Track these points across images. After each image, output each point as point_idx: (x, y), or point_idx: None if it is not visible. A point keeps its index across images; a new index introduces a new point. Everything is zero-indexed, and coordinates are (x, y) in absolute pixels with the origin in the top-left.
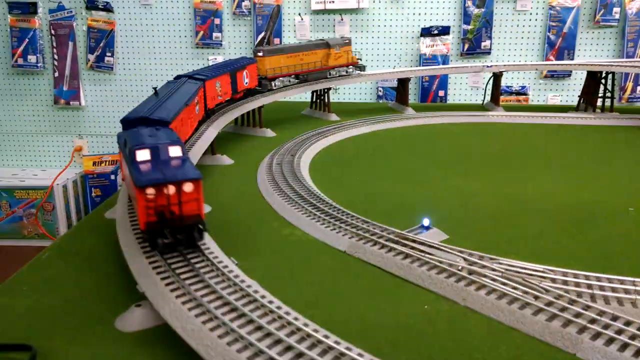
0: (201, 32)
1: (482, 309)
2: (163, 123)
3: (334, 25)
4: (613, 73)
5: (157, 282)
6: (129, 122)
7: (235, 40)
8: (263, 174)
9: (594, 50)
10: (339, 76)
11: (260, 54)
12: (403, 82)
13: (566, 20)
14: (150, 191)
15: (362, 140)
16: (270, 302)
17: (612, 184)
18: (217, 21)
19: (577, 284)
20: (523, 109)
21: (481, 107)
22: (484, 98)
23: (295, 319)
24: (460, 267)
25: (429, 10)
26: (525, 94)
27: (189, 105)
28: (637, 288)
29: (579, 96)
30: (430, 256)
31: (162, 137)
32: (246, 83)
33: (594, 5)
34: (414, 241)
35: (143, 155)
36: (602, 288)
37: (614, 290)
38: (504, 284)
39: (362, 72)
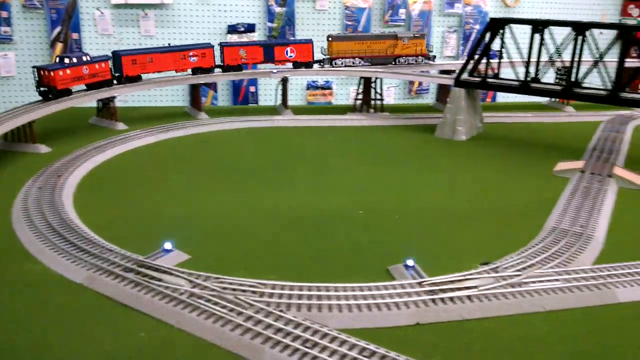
0: None
1: (192, 329)
2: None
3: (138, 20)
4: (381, 79)
5: None
6: None
7: (28, 35)
8: (18, 203)
9: None
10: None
11: (330, 39)
12: (195, 87)
13: (360, 20)
14: None
15: (144, 152)
16: None
17: (381, 187)
18: (4, 14)
19: (281, 295)
20: (310, 111)
21: (274, 110)
22: (275, 101)
23: None
24: (182, 291)
25: (234, 7)
26: (329, 88)
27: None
28: (322, 294)
29: (354, 98)
30: (159, 282)
31: None
32: (290, 56)
33: (383, 6)
34: (149, 267)
35: None
36: (300, 297)
37: (308, 297)
38: (216, 303)
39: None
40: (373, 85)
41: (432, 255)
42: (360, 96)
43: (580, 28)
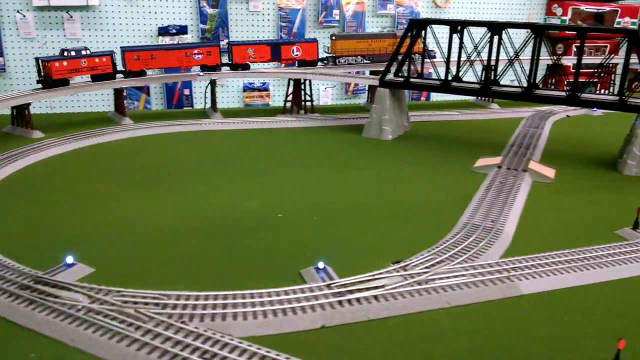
0: None
1: (87, 347)
2: None
3: (63, 23)
4: (310, 80)
5: None
6: None
7: None
8: None
9: (321, 47)
10: None
11: (333, 37)
12: (118, 91)
13: (294, 21)
14: None
15: (57, 161)
16: None
17: (289, 190)
18: None
19: (185, 306)
20: (242, 113)
21: (203, 113)
22: (205, 104)
23: None
24: (79, 307)
25: (164, 9)
26: (266, 89)
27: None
28: (228, 302)
29: (284, 100)
30: (55, 299)
31: None
32: (296, 55)
33: (317, 7)
34: (46, 284)
35: None
36: (204, 307)
37: (213, 307)
38: (114, 318)
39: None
40: (303, 86)
41: (347, 256)
42: (290, 98)
43: (495, 28)
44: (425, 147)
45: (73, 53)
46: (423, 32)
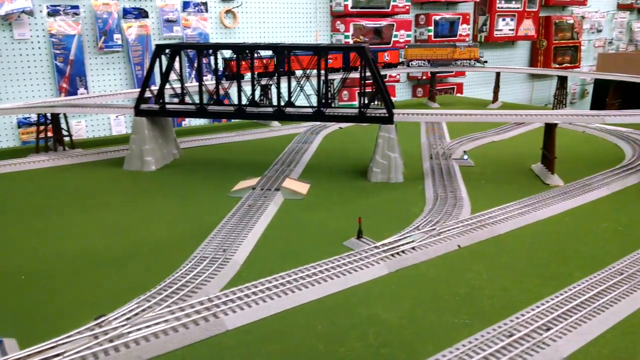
0: None
1: None
2: None
3: None
4: (65, 114)
5: None
6: None
7: None
8: None
9: (106, 75)
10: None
11: (406, 46)
12: None
13: (70, 48)
14: None
15: None
16: None
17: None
18: None
19: None
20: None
21: None
22: None
23: None
24: None
25: None
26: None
27: None
28: None
29: (35, 138)
30: None
31: None
32: (387, 59)
33: (94, 32)
34: None
35: None
36: None
37: None
38: None
39: None
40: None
41: (43, 317)
42: (45, 134)
43: (279, 51)
44: (190, 174)
45: None
46: (176, 56)
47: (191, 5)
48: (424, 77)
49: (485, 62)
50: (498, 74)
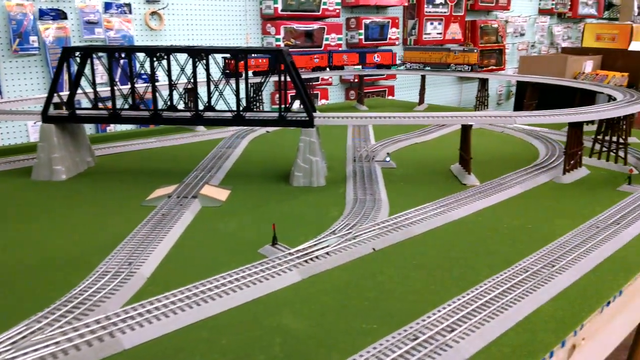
0: None
1: None
2: None
3: None
4: None
5: None
6: None
7: None
8: None
9: (22, 79)
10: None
11: (405, 50)
12: None
13: None
14: None
15: None
16: None
17: None
18: None
19: None
20: None
21: None
22: None
23: None
24: None
25: None
26: None
27: None
28: None
29: None
30: None
31: None
32: (376, 60)
33: (8, 35)
34: None
35: None
36: None
37: None
38: None
39: None
40: None
41: None
42: None
43: (194, 53)
44: (103, 183)
45: None
46: (88, 59)
47: (114, 6)
48: (356, 80)
49: (482, 68)
50: (423, 77)
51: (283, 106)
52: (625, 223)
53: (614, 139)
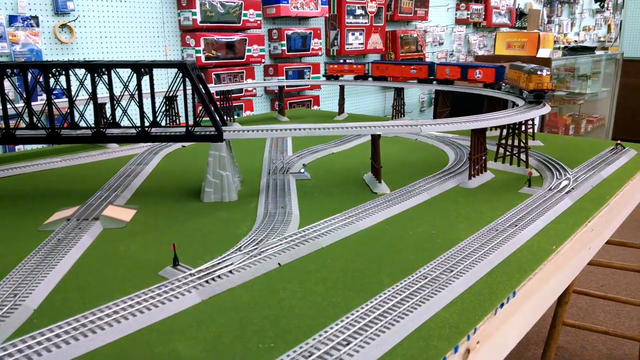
0: None
1: None
2: None
3: None
4: None
5: None
6: None
7: None
8: None
9: None
10: None
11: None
12: None
13: None
14: None
15: None
16: None
17: None
18: None
19: None
20: None
21: None
22: None
23: None
24: None
25: None
26: None
27: None
28: None
29: None
30: None
31: None
32: (478, 76)
33: None
34: None
35: None
36: None
37: None
38: None
39: None
40: None
41: None
42: None
43: (93, 69)
44: None
45: None
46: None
47: (19, 19)
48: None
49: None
50: (342, 87)
51: (194, 120)
52: (522, 225)
53: (516, 143)
